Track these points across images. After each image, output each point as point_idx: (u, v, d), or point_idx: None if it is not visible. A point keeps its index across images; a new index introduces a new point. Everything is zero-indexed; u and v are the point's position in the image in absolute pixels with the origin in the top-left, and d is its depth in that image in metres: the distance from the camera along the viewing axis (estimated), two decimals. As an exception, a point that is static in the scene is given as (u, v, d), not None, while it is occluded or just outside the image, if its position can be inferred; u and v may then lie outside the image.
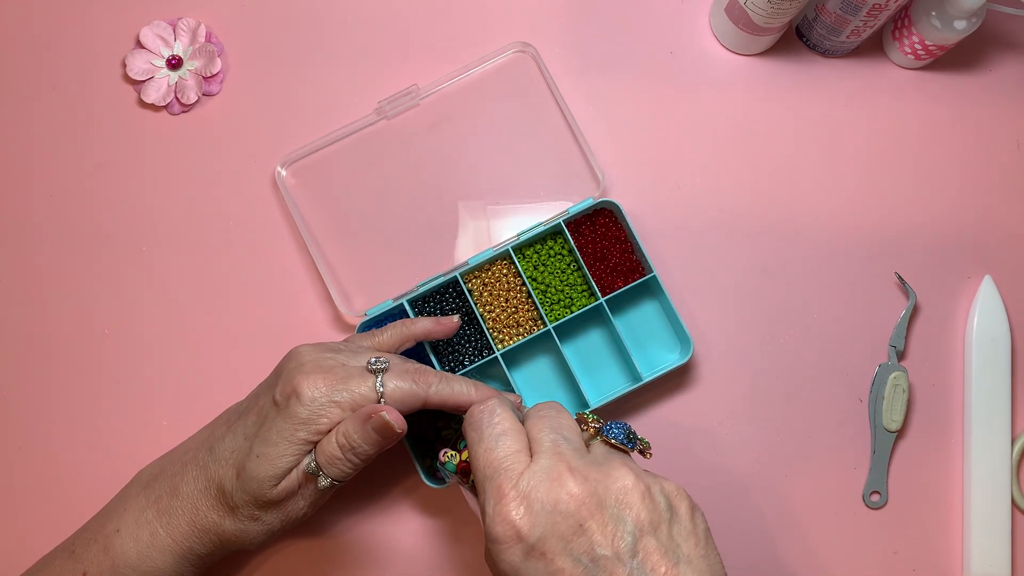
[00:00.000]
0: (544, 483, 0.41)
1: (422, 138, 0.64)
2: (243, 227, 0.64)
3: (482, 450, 0.44)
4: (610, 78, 0.66)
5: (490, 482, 0.42)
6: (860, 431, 0.62)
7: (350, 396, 0.49)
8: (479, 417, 0.45)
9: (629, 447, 0.46)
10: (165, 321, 0.63)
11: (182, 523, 0.51)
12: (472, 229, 0.63)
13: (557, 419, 0.45)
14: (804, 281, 0.63)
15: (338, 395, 0.49)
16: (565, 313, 0.61)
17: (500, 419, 0.45)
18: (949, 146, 0.65)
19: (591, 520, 0.41)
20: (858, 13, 0.59)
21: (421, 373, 0.51)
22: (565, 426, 0.45)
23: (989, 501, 0.60)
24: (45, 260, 0.64)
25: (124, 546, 0.51)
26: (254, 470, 0.49)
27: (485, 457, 0.43)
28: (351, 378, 0.49)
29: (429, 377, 0.51)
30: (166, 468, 0.53)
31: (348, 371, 0.50)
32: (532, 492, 0.41)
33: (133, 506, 0.52)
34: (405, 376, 0.50)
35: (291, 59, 0.66)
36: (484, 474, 0.43)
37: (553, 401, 0.48)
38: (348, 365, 0.50)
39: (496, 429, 0.44)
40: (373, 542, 0.60)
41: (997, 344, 0.62)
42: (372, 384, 0.49)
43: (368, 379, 0.50)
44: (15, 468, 0.61)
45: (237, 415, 0.52)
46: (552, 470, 0.42)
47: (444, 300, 0.61)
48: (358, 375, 0.50)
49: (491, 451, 0.43)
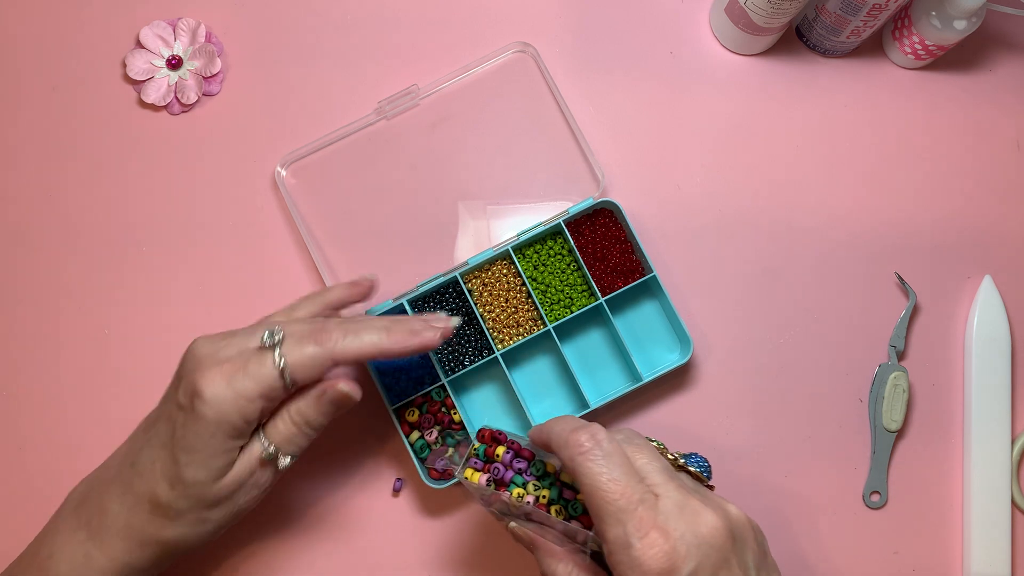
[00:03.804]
0: (679, 516, 0.42)
1: (422, 138, 0.64)
2: (243, 227, 0.64)
3: (605, 480, 0.43)
4: (610, 78, 0.66)
5: (628, 515, 0.42)
6: (860, 431, 0.62)
7: (253, 383, 0.46)
8: (588, 446, 0.44)
9: (708, 479, 0.47)
10: (165, 320, 0.63)
11: (115, 541, 0.49)
12: (472, 229, 0.63)
13: (652, 448, 0.46)
14: (804, 281, 0.63)
15: (239, 384, 0.46)
16: (565, 313, 0.61)
17: (614, 446, 0.44)
18: (949, 146, 0.65)
19: (731, 553, 0.42)
20: (858, 13, 0.59)
21: (321, 331, 0.48)
22: (659, 456, 0.45)
23: (989, 501, 0.60)
24: (45, 260, 0.64)
25: (59, 570, 0.49)
26: (189, 476, 0.47)
27: (612, 487, 0.42)
28: (248, 362, 0.47)
29: (331, 334, 0.48)
30: (93, 487, 0.51)
31: (245, 355, 0.47)
32: (669, 525, 0.41)
33: (64, 528, 0.50)
34: (305, 341, 0.47)
35: (291, 59, 0.66)
36: (616, 505, 0.42)
37: (628, 428, 0.48)
38: (246, 348, 0.48)
39: (617, 459, 0.44)
40: (373, 542, 0.60)
41: (997, 344, 0.62)
42: (271, 361, 0.47)
43: (266, 357, 0.47)
44: (15, 468, 0.61)
45: (151, 424, 0.50)
46: (683, 503, 0.42)
47: (444, 300, 0.61)
48: (255, 356, 0.47)
49: (618, 482, 0.42)
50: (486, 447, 0.49)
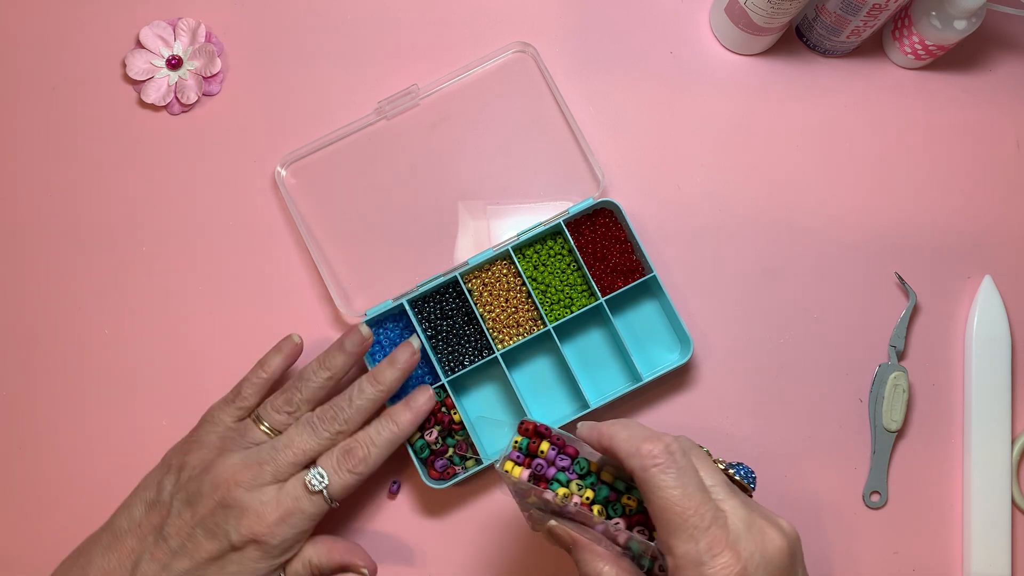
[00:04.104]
0: (748, 535, 0.43)
1: (422, 138, 0.64)
2: (243, 227, 0.64)
3: (680, 496, 0.43)
4: (610, 78, 0.66)
5: (701, 532, 0.42)
6: (860, 431, 0.62)
7: (310, 522, 0.53)
8: (663, 460, 0.44)
9: (752, 489, 0.47)
10: (165, 321, 0.63)
11: None
12: (472, 229, 0.63)
13: (710, 461, 0.46)
14: (804, 281, 0.63)
15: (300, 525, 0.52)
16: (565, 313, 0.61)
17: (687, 461, 0.44)
18: (949, 146, 0.65)
19: (790, 572, 0.44)
20: (858, 13, 0.59)
21: (349, 455, 0.53)
22: (717, 468, 0.46)
23: (989, 501, 0.60)
24: (45, 260, 0.64)
25: None
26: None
27: (687, 503, 0.42)
28: (299, 501, 0.52)
29: (358, 453, 0.54)
30: None
31: (293, 497, 0.52)
32: (740, 544, 0.42)
33: None
34: (340, 470, 0.53)
35: (291, 59, 0.66)
36: (690, 522, 0.42)
37: (684, 436, 0.47)
38: (284, 485, 0.53)
39: (691, 473, 0.43)
40: (373, 542, 0.60)
41: (997, 344, 0.62)
42: (322, 499, 0.53)
43: (316, 497, 0.53)
44: (15, 468, 0.61)
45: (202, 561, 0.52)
46: (749, 520, 0.43)
47: (444, 300, 0.61)
48: (307, 498, 0.52)
49: (692, 498, 0.43)
50: (529, 441, 0.48)
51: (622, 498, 0.47)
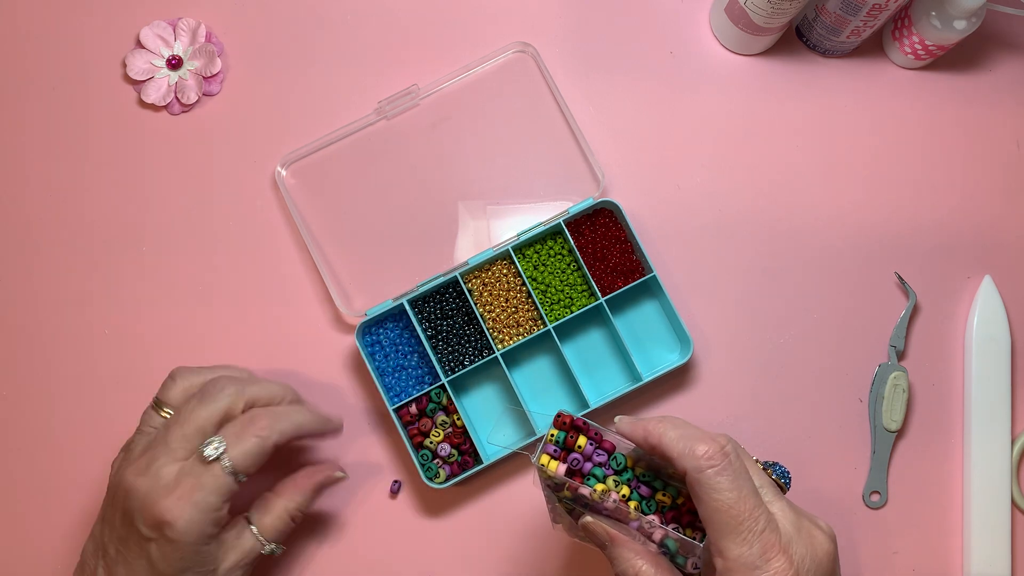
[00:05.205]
0: (798, 538, 0.43)
1: (422, 138, 0.64)
2: (243, 227, 0.64)
3: (735, 499, 0.42)
4: (610, 78, 0.66)
5: (756, 535, 0.42)
6: (860, 431, 0.62)
7: (215, 496, 0.49)
8: (718, 461, 0.43)
9: (787, 489, 0.47)
10: (165, 321, 0.63)
11: None
12: (472, 229, 0.63)
13: (754, 462, 0.46)
14: (804, 281, 0.63)
15: (203, 501, 0.48)
16: (565, 313, 0.61)
17: (740, 463, 0.44)
18: (949, 146, 0.65)
19: (835, 574, 0.44)
20: (858, 13, 0.59)
21: (251, 424, 0.50)
22: (762, 470, 0.46)
23: (989, 501, 0.60)
24: (45, 260, 0.64)
25: None
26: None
27: (742, 507, 0.42)
28: (200, 478, 0.49)
29: (262, 422, 0.50)
30: None
31: (193, 473, 0.49)
32: (792, 548, 0.42)
33: None
34: (242, 439, 0.50)
35: (291, 59, 0.66)
36: (745, 525, 0.42)
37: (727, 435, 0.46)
38: (184, 463, 0.49)
39: (744, 476, 0.43)
40: (373, 542, 0.60)
41: (997, 344, 0.62)
42: (220, 469, 0.49)
43: (214, 467, 0.49)
44: (15, 468, 0.61)
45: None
46: (797, 523, 0.43)
47: (444, 300, 0.61)
48: (205, 471, 0.49)
49: (747, 501, 0.42)
50: (566, 435, 0.47)
51: (656, 494, 0.46)
